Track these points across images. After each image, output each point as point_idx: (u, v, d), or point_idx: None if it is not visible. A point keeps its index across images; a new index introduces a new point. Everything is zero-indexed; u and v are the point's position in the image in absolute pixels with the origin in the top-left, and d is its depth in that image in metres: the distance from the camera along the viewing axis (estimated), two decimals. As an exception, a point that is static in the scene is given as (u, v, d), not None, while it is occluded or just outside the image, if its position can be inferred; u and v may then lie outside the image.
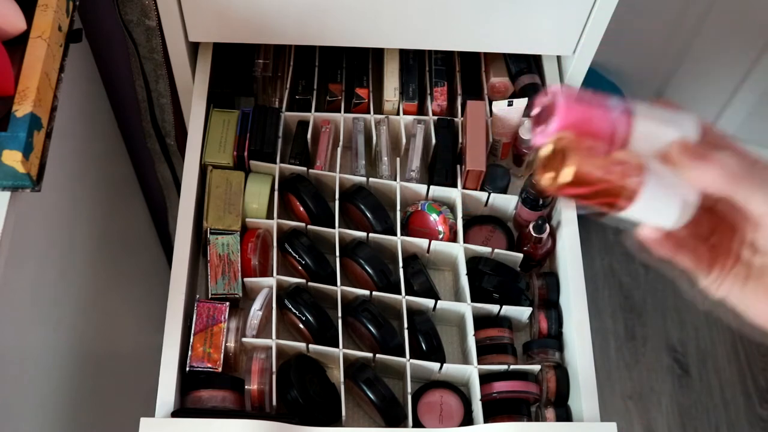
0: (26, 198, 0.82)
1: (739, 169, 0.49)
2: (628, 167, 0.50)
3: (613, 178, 0.49)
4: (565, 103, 0.51)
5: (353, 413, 0.94)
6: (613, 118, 0.51)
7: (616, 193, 0.50)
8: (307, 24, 0.99)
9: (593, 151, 0.50)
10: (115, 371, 1.29)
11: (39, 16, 0.84)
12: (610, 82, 1.84)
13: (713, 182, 0.49)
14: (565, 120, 0.50)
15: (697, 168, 0.49)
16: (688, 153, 0.50)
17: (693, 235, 0.54)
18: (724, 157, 0.49)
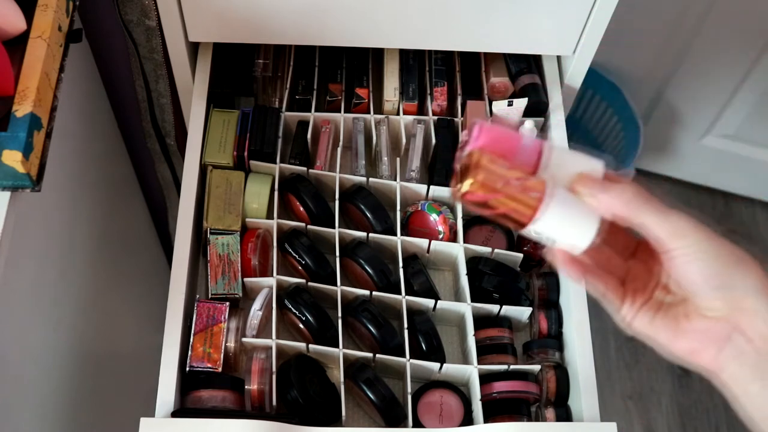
0: (26, 198, 0.82)
1: (635, 197, 0.54)
2: (529, 183, 0.55)
3: (513, 190, 0.54)
4: (481, 128, 0.57)
5: (353, 413, 0.94)
6: (523, 147, 0.57)
7: (519, 207, 0.55)
8: (307, 24, 0.99)
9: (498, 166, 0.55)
10: (115, 371, 1.29)
11: (39, 16, 0.84)
12: (610, 82, 1.84)
13: (612, 207, 0.54)
14: (479, 140, 0.56)
15: (597, 194, 0.55)
16: (590, 182, 0.55)
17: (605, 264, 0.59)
18: (623, 187, 0.55)
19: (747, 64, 1.73)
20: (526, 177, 0.55)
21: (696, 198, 2.10)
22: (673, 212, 0.54)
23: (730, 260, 0.54)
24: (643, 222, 0.54)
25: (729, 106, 1.83)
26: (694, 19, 1.67)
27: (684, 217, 0.54)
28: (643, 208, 0.54)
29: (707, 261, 0.54)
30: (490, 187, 0.54)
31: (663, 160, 2.04)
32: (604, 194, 0.54)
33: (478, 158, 0.55)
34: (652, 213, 0.54)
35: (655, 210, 0.54)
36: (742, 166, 1.97)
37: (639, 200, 0.54)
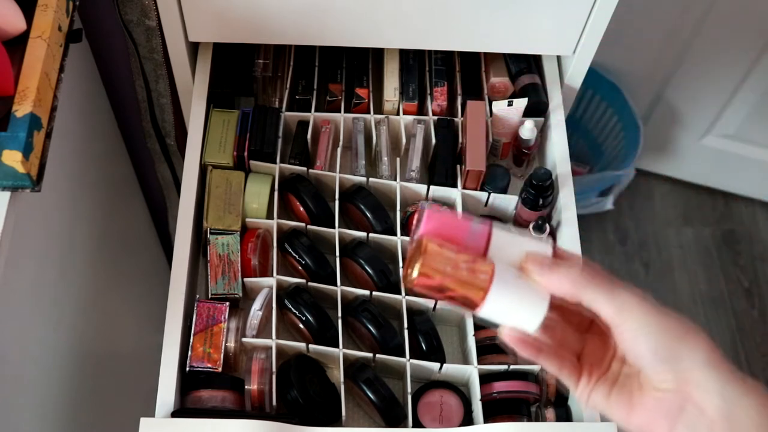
0: (26, 198, 0.82)
1: (581, 276, 0.55)
2: (477, 266, 0.55)
3: (462, 274, 0.55)
4: (428, 217, 0.57)
5: (353, 413, 0.94)
6: (471, 232, 0.57)
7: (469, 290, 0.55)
8: (307, 24, 0.99)
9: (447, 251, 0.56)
10: (115, 371, 1.29)
11: (39, 16, 0.84)
12: (610, 82, 1.84)
13: (560, 286, 0.55)
14: (426, 228, 0.57)
15: (545, 274, 0.56)
16: (537, 262, 0.56)
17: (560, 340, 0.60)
18: (570, 266, 0.56)
19: (747, 64, 1.73)
20: (475, 260, 0.56)
21: (696, 198, 2.10)
22: (619, 289, 0.54)
23: (677, 333, 0.54)
24: (590, 300, 0.55)
25: (729, 106, 1.83)
26: (694, 19, 1.67)
27: (630, 293, 0.54)
28: (589, 286, 0.54)
29: (654, 335, 0.54)
30: (439, 272, 0.55)
31: (663, 160, 2.04)
32: (552, 273, 0.55)
33: (426, 244, 0.56)
34: (598, 291, 0.54)
35: (602, 288, 0.54)
36: (742, 166, 1.97)
37: (585, 278, 0.55)
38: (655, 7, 1.66)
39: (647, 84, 1.85)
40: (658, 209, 2.08)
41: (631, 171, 1.86)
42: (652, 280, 1.98)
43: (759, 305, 1.96)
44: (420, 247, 0.56)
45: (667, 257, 2.02)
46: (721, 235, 2.05)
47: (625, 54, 1.79)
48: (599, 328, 0.59)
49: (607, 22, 0.99)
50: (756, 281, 1.99)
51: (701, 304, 1.96)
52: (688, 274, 1.99)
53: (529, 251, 0.57)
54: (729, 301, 1.96)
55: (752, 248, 2.03)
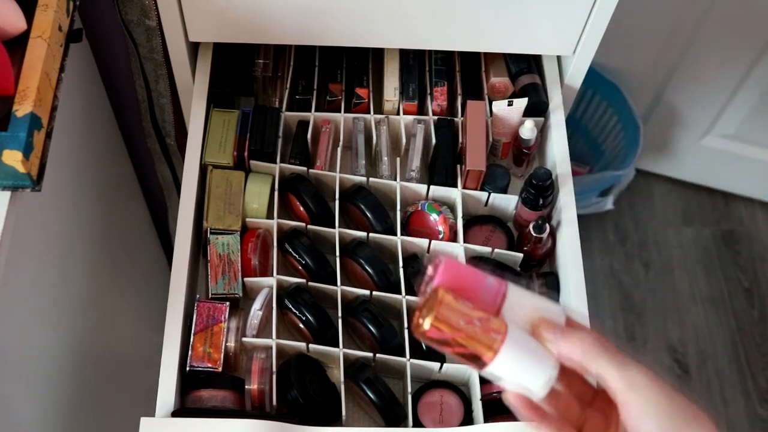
0: (26, 198, 0.82)
1: (594, 347, 0.54)
2: (490, 324, 0.55)
3: (475, 330, 0.54)
4: (445, 267, 0.57)
5: (353, 413, 0.94)
6: (487, 287, 0.57)
7: (479, 348, 0.55)
8: (307, 24, 0.99)
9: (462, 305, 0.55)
10: (115, 371, 1.29)
11: (39, 15, 0.84)
12: (610, 82, 1.84)
13: (572, 354, 0.55)
14: (442, 279, 0.57)
15: (558, 340, 0.55)
16: (551, 327, 0.56)
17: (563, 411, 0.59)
18: (583, 335, 0.55)
19: (747, 64, 1.73)
20: (488, 317, 0.55)
21: (696, 198, 2.10)
22: (630, 364, 0.54)
23: (685, 417, 0.54)
24: (600, 372, 0.54)
25: (729, 106, 1.83)
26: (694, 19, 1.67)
27: (641, 370, 0.54)
28: (600, 358, 0.54)
29: (662, 417, 0.54)
30: (451, 326, 0.54)
31: (663, 160, 2.04)
32: (565, 341, 0.55)
33: (442, 296, 0.55)
34: (609, 363, 0.54)
35: (613, 360, 0.54)
36: (742, 166, 1.97)
37: (597, 349, 0.54)
38: (655, 7, 1.66)
39: (647, 84, 1.85)
40: (658, 209, 2.08)
41: (631, 171, 1.86)
42: (652, 280, 1.98)
43: (759, 305, 1.96)
44: (435, 297, 0.55)
45: (667, 257, 2.02)
46: (721, 235, 2.05)
47: (625, 54, 1.79)
48: (602, 403, 0.58)
49: (607, 22, 0.99)
50: (756, 281, 1.99)
51: (701, 304, 1.96)
52: (688, 274, 1.99)
53: (543, 315, 0.57)
54: (729, 301, 1.96)
55: (752, 248, 2.03)
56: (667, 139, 1.97)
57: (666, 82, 1.83)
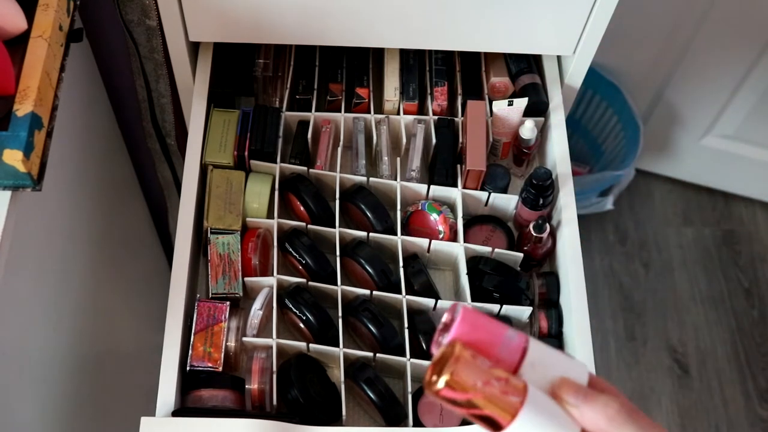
0: (27, 197, 0.82)
1: (619, 414, 0.51)
2: (509, 385, 0.51)
3: (493, 391, 0.50)
4: (463, 317, 0.53)
5: (353, 413, 0.94)
6: (506, 342, 0.53)
7: (496, 410, 0.51)
8: (308, 24, 0.99)
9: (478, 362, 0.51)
10: (115, 371, 1.29)
11: (40, 15, 0.84)
12: (610, 82, 1.84)
13: (595, 422, 0.52)
14: (459, 331, 0.52)
15: (580, 405, 0.52)
16: (573, 390, 0.52)
17: None
18: (608, 400, 0.52)
19: (747, 64, 1.73)
20: (508, 378, 0.51)
21: (696, 198, 2.10)
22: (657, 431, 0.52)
23: None
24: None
25: (729, 106, 1.83)
26: (694, 19, 1.67)
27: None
28: (626, 425, 0.51)
29: None
30: (468, 386, 0.50)
31: (663, 160, 2.04)
32: (587, 407, 0.52)
33: (459, 352, 0.51)
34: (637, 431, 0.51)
35: (640, 428, 0.51)
36: (742, 166, 1.97)
37: (623, 416, 0.51)
38: (655, 7, 1.66)
39: (647, 84, 1.85)
40: (658, 209, 2.08)
41: (631, 171, 1.86)
42: (652, 280, 1.98)
43: (759, 305, 1.96)
44: (452, 353, 0.51)
45: (667, 257, 2.02)
46: (721, 235, 2.05)
47: (625, 54, 1.80)
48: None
49: (607, 22, 0.99)
50: (756, 281, 1.99)
51: (701, 304, 1.96)
52: (688, 274, 2.00)
53: (565, 377, 0.53)
54: (729, 301, 1.96)
55: (752, 248, 2.03)
56: (667, 139, 1.97)
57: (666, 82, 1.83)
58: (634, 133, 1.83)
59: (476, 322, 0.53)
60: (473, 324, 0.53)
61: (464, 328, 0.52)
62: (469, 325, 0.53)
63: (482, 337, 0.53)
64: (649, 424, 0.52)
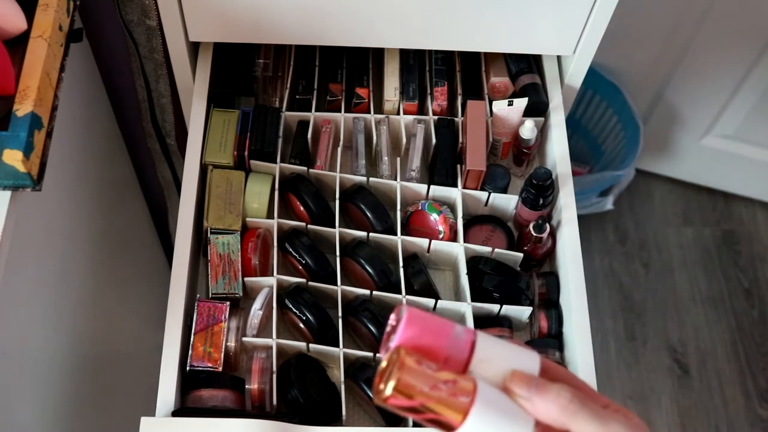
0: (27, 197, 0.82)
1: (572, 403, 0.50)
2: (458, 387, 0.50)
3: (441, 394, 0.50)
4: (408, 320, 0.52)
5: (353, 413, 0.94)
6: (454, 340, 0.52)
7: (446, 412, 0.50)
8: (308, 24, 0.99)
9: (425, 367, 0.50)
10: (115, 371, 1.29)
11: (40, 15, 0.84)
12: (610, 82, 1.84)
13: (548, 413, 0.51)
14: (405, 335, 0.51)
15: (532, 398, 0.51)
16: (525, 383, 0.51)
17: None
18: (560, 390, 0.51)
19: (747, 64, 1.73)
20: (456, 379, 0.50)
21: (696, 198, 2.10)
22: (612, 418, 0.51)
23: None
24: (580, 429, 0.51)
25: (729, 106, 1.83)
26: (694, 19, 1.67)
27: (626, 424, 0.50)
28: (580, 413, 0.50)
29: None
30: (415, 391, 0.49)
31: (663, 160, 2.04)
32: (539, 398, 0.51)
33: (403, 358, 0.50)
34: (590, 420, 0.50)
35: (594, 416, 0.50)
36: (742, 166, 1.97)
37: (576, 405, 0.51)
38: (655, 7, 1.66)
39: (647, 84, 1.85)
40: (658, 209, 2.08)
41: (631, 171, 1.86)
42: (652, 280, 1.98)
43: (759, 305, 1.96)
44: (396, 360, 0.50)
45: (667, 257, 2.02)
46: (721, 235, 2.05)
47: (625, 54, 1.80)
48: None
49: (607, 22, 0.99)
50: (756, 281, 1.99)
51: (701, 304, 1.96)
52: (688, 274, 2.00)
53: (515, 369, 0.52)
54: (729, 301, 1.96)
55: (752, 248, 2.03)
56: (667, 139, 1.97)
57: (666, 82, 1.83)
58: (634, 133, 1.83)
59: (422, 323, 0.52)
60: (419, 325, 0.52)
61: (410, 331, 0.52)
62: (415, 326, 0.52)
63: (429, 338, 0.52)
64: (604, 410, 0.51)
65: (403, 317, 0.52)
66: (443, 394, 0.50)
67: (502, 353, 0.53)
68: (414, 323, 0.52)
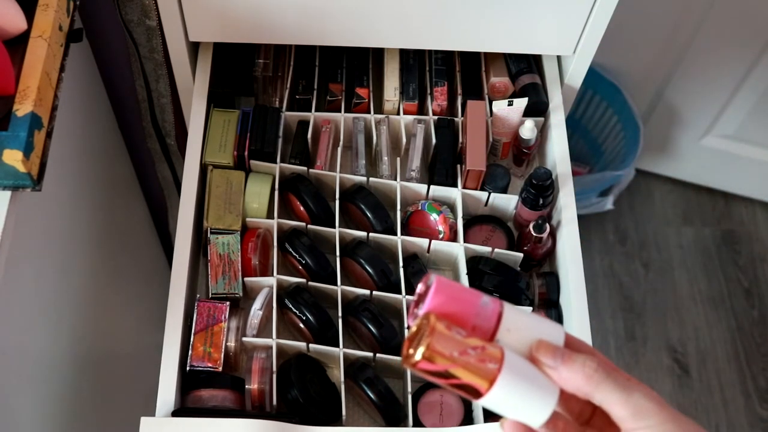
0: (27, 197, 0.82)
1: (597, 372, 0.52)
2: (486, 353, 0.51)
3: (470, 360, 0.51)
4: (437, 288, 0.53)
5: (353, 413, 0.94)
6: (481, 309, 0.53)
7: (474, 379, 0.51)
8: (308, 24, 0.99)
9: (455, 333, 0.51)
10: (115, 371, 1.29)
11: (39, 15, 0.84)
12: (610, 82, 1.84)
13: (573, 382, 0.52)
14: (434, 303, 0.52)
15: (558, 367, 0.52)
16: (550, 352, 0.53)
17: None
18: (585, 360, 0.52)
19: (747, 64, 1.73)
20: (484, 345, 0.51)
21: (696, 198, 2.10)
22: (636, 389, 0.51)
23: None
24: (603, 399, 0.52)
25: (729, 106, 1.83)
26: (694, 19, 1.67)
27: (648, 395, 0.51)
28: (604, 384, 0.51)
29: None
30: (445, 357, 0.50)
31: (663, 160, 2.04)
32: (565, 367, 0.52)
33: (434, 324, 0.51)
34: (614, 389, 0.51)
35: (618, 386, 0.51)
36: (742, 166, 1.97)
37: (600, 375, 0.52)
38: (655, 7, 1.66)
39: (647, 84, 1.85)
40: (658, 209, 2.08)
41: (631, 171, 1.86)
42: (652, 280, 1.98)
43: (759, 305, 1.96)
44: (426, 325, 0.51)
45: (667, 257, 2.02)
46: (721, 235, 2.05)
47: (625, 54, 1.80)
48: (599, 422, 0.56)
49: (607, 22, 0.99)
50: (756, 281, 1.99)
51: (701, 304, 1.96)
52: (688, 274, 2.00)
53: (541, 339, 0.53)
54: (729, 301, 1.96)
55: (752, 248, 2.03)
56: (667, 139, 1.97)
57: (666, 82, 1.83)
58: (634, 133, 1.83)
59: (450, 291, 0.53)
60: (447, 294, 0.53)
61: (439, 299, 0.53)
62: (444, 295, 0.53)
63: (457, 306, 0.53)
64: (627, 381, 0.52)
65: (432, 285, 0.53)
66: (472, 360, 0.51)
67: (528, 323, 0.54)
68: (443, 291, 0.53)
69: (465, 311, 0.53)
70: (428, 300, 0.52)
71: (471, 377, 0.51)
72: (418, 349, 0.50)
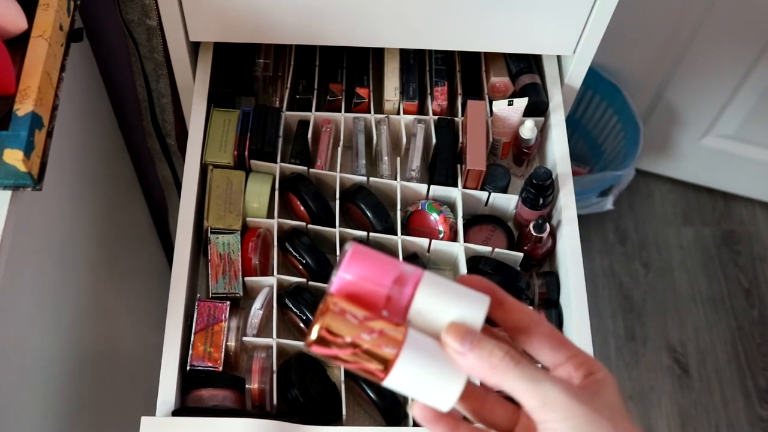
0: (27, 197, 0.82)
1: (503, 361, 0.48)
2: (384, 337, 0.48)
3: (364, 344, 0.48)
4: (353, 253, 0.50)
5: (354, 412, 0.95)
6: (402, 271, 0.50)
7: (371, 363, 0.49)
8: (308, 24, 0.99)
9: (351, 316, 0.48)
10: (115, 371, 1.29)
11: (40, 15, 0.84)
12: (610, 82, 1.84)
13: (478, 371, 0.49)
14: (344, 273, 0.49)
15: (464, 353, 0.49)
16: (459, 337, 0.49)
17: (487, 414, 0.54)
18: (493, 348, 0.49)
19: (747, 64, 1.73)
20: (382, 329, 0.48)
21: (696, 198, 2.10)
22: (545, 380, 0.48)
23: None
24: (511, 388, 0.49)
25: (729, 106, 1.84)
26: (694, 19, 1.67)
27: (557, 385, 0.48)
28: (511, 373, 0.48)
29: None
30: (338, 340, 0.48)
31: (663, 160, 2.04)
32: (471, 353, 0.48)
33: (329, 304, 0.48)
34: (521, 379, 0.48)
35: (525, 376, 0.48)
36: (742, 166, 1.97)
37: (506, 364, 0.48)
38: (655, 7, 1.66)
39: (647, 84, 1.85)
40: (658, 209, 2.09)
41: (631, 171, 1.86)
42: (652, 280, 1.99)
43: (759, 305, 1.96)
44: (326, 306, 0.48)
45: (667, 257, 2.02)
46: (721, 235, 2.05)
47: (625, 54, 1.80)
48: None
49: (607, 22, 0.99)
50: (756, 281, 1.99)
51: (701, 304, 1.96)
52: (688, 274, 2.00)
53: (454, 321, 0.49)
54: (729, 301, 1.96)
55: (752, 248, 2.04)
56: (667, 139, 1.98)
57: (666, 82, 1.83)
58: (634, 133, 1.83)
59: (365, 260, 0.50)
60: (362, 263, 0.49)
61: (351, 269, 0.49)
62: (358, 265, 0.49)
63: (370, 277, 0.49)
64: (536, 372, 0.49)
65: (346, 255, 0.50)
66: (366, 345, 0.48)
67: (445, 299, 0.50)
68: (358, 260, 0.50)
69: (379, 281, 0.49)
70: (339, 270, 0.49)
71: (366, 362, 0.48)
72: (312, 329, 0.48)
